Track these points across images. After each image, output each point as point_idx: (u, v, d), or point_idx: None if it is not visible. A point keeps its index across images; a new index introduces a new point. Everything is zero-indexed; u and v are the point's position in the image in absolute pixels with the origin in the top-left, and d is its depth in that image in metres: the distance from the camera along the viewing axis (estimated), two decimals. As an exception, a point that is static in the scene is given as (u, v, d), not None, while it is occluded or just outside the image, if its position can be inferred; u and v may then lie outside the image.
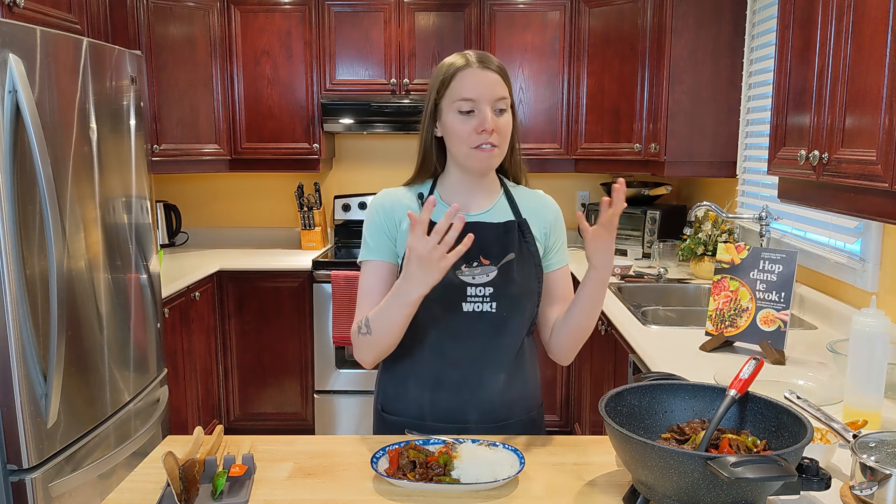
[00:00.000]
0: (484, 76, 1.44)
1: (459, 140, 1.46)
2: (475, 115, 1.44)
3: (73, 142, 2.14)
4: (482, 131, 1.43)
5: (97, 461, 2.21)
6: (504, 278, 1.48)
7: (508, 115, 1.48)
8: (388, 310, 1.40)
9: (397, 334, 1.44)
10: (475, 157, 1.46)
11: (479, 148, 1.44)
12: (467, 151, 1.46)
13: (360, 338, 1.47)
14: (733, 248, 2.06)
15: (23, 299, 1.92)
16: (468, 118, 1.44)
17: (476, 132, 1.43)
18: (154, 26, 3.52)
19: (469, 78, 1.44)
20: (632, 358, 2.37)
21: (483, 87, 1.44)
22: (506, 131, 1.47)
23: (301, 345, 3.72)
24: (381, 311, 1.42)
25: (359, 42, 3.77)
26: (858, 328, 1.47)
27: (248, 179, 4.29)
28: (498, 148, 1.46)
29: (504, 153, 1.50)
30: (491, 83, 1.44)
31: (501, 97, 1.45)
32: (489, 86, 1.44)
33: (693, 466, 1.00)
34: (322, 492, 1.23)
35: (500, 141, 1.46)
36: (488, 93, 1.44)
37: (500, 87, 1.45)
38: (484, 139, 1.44)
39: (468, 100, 1.44)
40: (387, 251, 1.52)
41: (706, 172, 3.40)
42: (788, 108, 1.90)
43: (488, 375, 1.50)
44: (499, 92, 1.45)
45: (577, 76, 3.77)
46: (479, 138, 1.44)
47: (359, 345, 1.48)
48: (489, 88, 1.44)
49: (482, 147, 1.44)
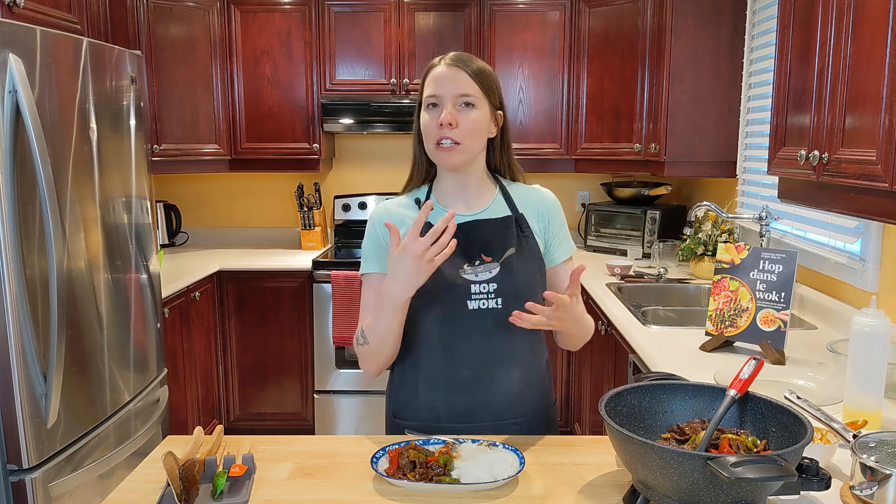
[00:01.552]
0: (451, 73, 1.47)
1: (426, 135, 1.49)
2: (438, 110, 1.46)
3: (73, 142, 2.14)
4: (441, 125, 1.44)
5: (97, 461, 2.21)
6: (507, 273, 1.48)
7: (478, 112, 1.47)
8: (378, 316, 1.44)
9: (393, 342, 1.47)
10: (437, 155, 1.48)
11: (438, 145, 1.46)
12: (432, 149, 1.48)
13: (359, 349, 1.51)
14: (733, 248, 2.06)
15: (23, 299, 1.92)
16: (433, 112, 1.47)
17: (437, 126, 1.45)
18: (154, 26, 3.52)
19: (435, 75, 1.48)
20: (632, 358, 2.37)
21: (446, 84, 1.46)
22: (469, 127, 1.46)
23: (301, 345, 3.72)
24: (374, 319, 1.46)
25: (359, 42, 3.77)
26: (858, 328, 1.47)
27: (248, 179, 4.29)
28: (461, 144, 1.46)
29: (470, 150, 1.49)
30: (455, 80, 1.46)
31: (465, 93, 1.46)
32: (453, 81, 1.46)
33: (693, 466, 1.00)
34: (322, 492, 1.24)
35: (462, 136, 1.46)
36: (451, 89, 1.45)
37: (466, 84, 1.46)
38: (443, 134, 1.45)
39: (432, 95, 1.47)
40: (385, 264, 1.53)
41: (706, 172, 3.40)
42: (788, 108, 1.90)
43: (501, 372, 1.50)
44: (463, 89, 1.46)
45: (577, 76, 3.77)
46: (439, 132, 1.45)
47: (360, 356, 1.52)
48: (452, 85, 1.46)
49: (441, 144, 1.46)
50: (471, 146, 1.48)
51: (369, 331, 1.47)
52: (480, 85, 1.47)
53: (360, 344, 1.50)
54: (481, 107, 1.48)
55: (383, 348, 1.47)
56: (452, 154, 1.46)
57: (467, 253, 1.49)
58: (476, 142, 1.49)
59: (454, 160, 1.48)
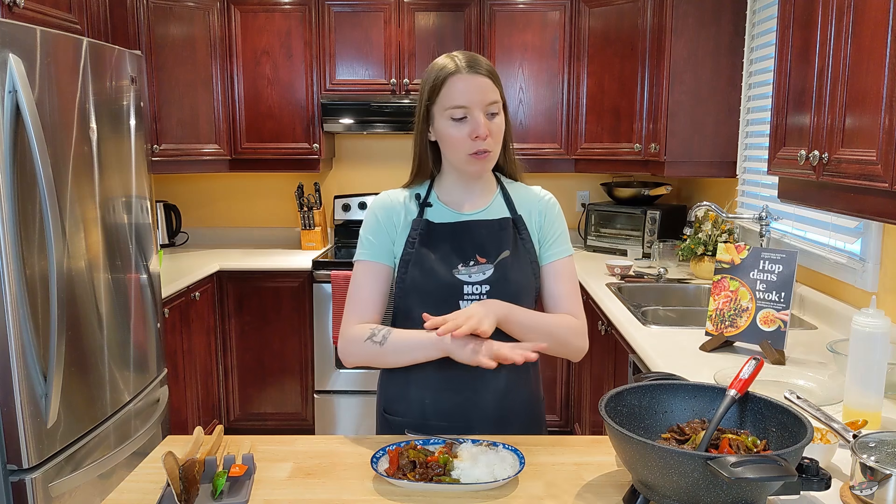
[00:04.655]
0: (474, 81, 1.44)
1: (454, 147, 1.46)
2: (468, 122, 1.44)
3: (73, 142, 2.14)
4: (476, 137, 1.43)
5: (97, 461, 2.21)
6: (500, 276, 1.48)
7: (501, 118, 1.48)
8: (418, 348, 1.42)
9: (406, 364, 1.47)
10: (471, 164, 1.47)
11: (475, 155, 1.45)
12: (464, 158, 1.46)
13: (365, 343, 1.46)
14: (733, 248, 2.06)
15: (23, 299, 1.92)
16: (461, 125, 1.45)
17: (470, 139, 1.44)
18: (154, 26, 3.52)
19: (459, 84, 1.43)
20: (632, 358, 2.37)
21: (474, 94, 1.43)
22: (499, 134, 1.48)
23: (301, 345, 3.72)
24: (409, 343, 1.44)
25: (359, 42, 3.77)
26: (858, 328, 1.47)
27: (248, 179, 4.29)
28: (492, 152, 1.47)
29: (497, 154, 1.51)
30: (482, 88, 1.44)
31: (493, 101, 1.45)
32: (480, 91, 1.44)
33: (693, 466, 1.00)
34: (322, 492, 1.23)
35: (493, 145, 1.47)
36: (480, 98, 1.44)
37: (491, 91, 1.45)
38: (478, 146, 1.44)
39: (460, 107, 1.43)
40: (384, 253, 1.54)
41: (706, 172, 3.40)
42: (788, 108, 1.90)
43: (489, 373, 1.50)
44: (490, 96, 1.45)
45: (577, 76, 3.76)
46: (473, 145, 1.44)
47: (359, 349, 1.48)
48: (480, 94, 1.44)
49: (478, 154, 1.45)
50: (498, 150, 1.50)
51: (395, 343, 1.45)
52: (498, 87, 1.48)
53: (372, 340, 1.45)
54: (501, 110, 1.49)
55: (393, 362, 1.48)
56: (486, 162, 1.48)
57: (462, 253, 1.49)
58: (500, 145, 1.51)
59: (488, 167, 1.50)
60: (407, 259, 1.51)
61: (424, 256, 1.49)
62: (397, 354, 1.45)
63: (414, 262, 1.50)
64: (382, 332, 1.46)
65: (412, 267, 1.50)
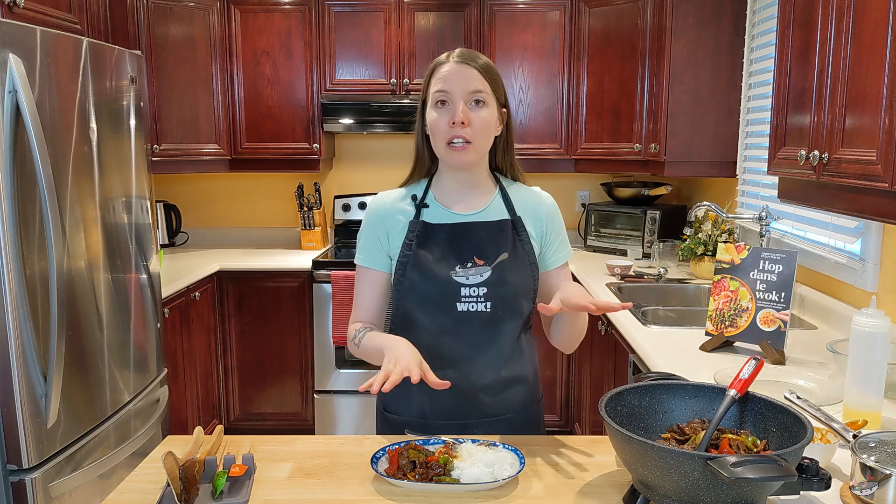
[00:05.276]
0: (460, 69, 1.45)
1: (435, 134, 1.47)
2: (448, 108, 1.45)
3: (73, 142, 2.14)
4: (453, 123, 1.43)
5: (97, 461, 2.21)
6: (498, 278, 1.48)
7: (488, 110, 1.47)
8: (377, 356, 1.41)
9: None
10: (448, 154, 1.47)
11: (450, 145, 1.45)
12: (443, 147, 1.47)
13: (350, 343, 1.56)
14: (733, 248, 2.06)
15: (23, 299, 1.92)
16: (443, 111, 1.46)
17: (448, 125, 1.44)
18: (154, 26, 3.52)
19: (444, 70, 1.46)
20: (632, 358, 2.37)
21: (456, 81, 1.44)
22: (481, 126, 1.46)
23: (301, 345, 3.72)
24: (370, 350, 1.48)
25: (359, 42, 3.77)
26: (858, 328, 1.47)
27: (248, 179, 4.29)
28: (472, 144, 1.45)
29: (482, 149, 1.49)
30: (466, 77, 1.45)
31: (476, 90, 1.45)
32: (463, 79, 1.45)
33: (693, 466, 1.00)
34: (322, 492, 1.23)
35: (473, 135, 1.45)
36: (462, 86, 1.44)
37: (476, 80, 1.45)
38: (456, 133, 1.44)
39: (442, 91, 1.45)
40: (379, 259, 1.56)
41: (706, 172, 3.40)
42: (788, 108, 1.90)
43: (486, 374, 1.50)
44: (474, 85, 1.45)
45: (577, 76, 3.76)
46: (451, 131, 1.44)
47: (350, 347, 1.57)
48: (463, 81, 1.44)
49: (453, 143, 1.45)
50: (482, 145, 1.49)
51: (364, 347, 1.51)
52: (489, 81, 1.47)
53: (353, 341, 1.54)
54: (490, 104, 1.47)
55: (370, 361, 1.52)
56: (465, 153, 1.46)
57: (460, 254, 1.49)
58: (487, 140, 1.50)
59: (466, 159, 1.47)
60: (404, 261, 1.51)
61: (422, 258, 1.49)
62: (368, 357, 1.51)
63: (412, 264, 1.50)
64: (360, 334, 1.52)
65: (410, 269, 1.50)
